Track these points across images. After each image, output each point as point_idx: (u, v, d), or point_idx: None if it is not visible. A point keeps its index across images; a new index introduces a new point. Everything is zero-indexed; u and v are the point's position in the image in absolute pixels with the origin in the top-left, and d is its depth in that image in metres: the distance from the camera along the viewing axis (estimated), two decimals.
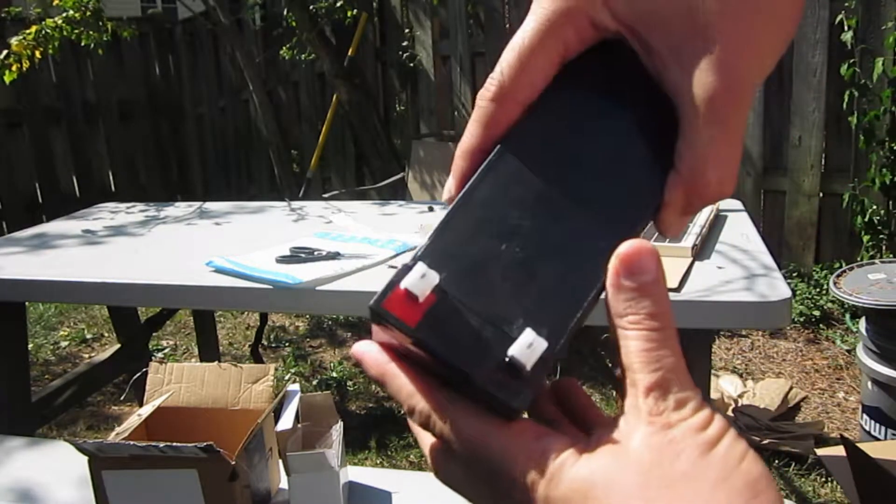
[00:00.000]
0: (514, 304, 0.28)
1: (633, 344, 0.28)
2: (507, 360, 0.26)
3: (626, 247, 0.28)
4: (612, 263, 0.28)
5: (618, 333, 0.28)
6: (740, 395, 2.35)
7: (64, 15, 3.08)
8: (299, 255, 1.40)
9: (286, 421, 1.02)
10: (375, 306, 0.28)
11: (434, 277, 0.28)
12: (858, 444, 1.02)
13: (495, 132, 0.31)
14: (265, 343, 3.04)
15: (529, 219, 0.29)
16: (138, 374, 1.18)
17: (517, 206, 0.30)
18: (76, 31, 3.12)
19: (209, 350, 2.52)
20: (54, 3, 3.13)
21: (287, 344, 3.10)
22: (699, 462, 0.26)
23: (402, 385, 0.30)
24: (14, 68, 2.86)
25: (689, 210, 0.31)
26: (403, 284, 0.28)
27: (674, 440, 0.26)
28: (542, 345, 0.27)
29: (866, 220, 2.82)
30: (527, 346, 0.26)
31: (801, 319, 2.88)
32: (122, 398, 2.62)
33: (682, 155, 0.30)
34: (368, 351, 0.32)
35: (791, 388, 2.39)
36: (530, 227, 0.29)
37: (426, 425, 0.30)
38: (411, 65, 3.99)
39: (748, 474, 0.26)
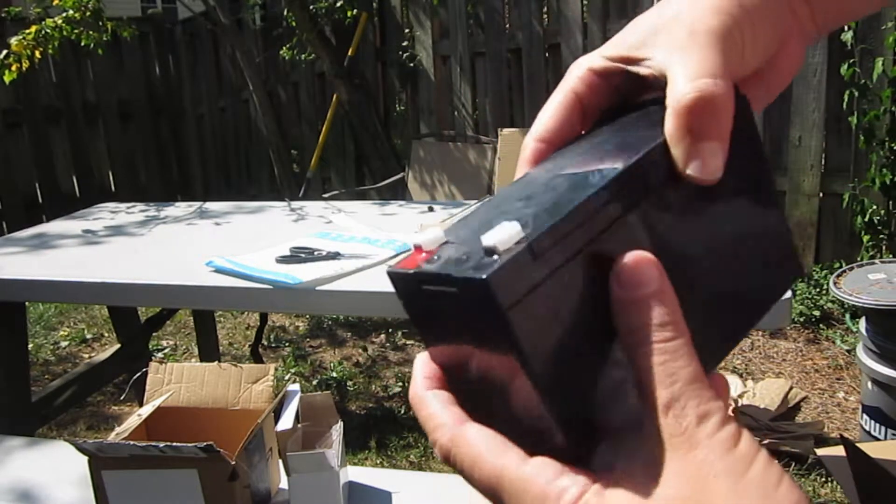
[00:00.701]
0: (501, 217, 0.28)
1: (644, 360, 0.26)
2: (482, 248, 0.26)
3: (623, 259, 0.27)
4: (612, 279, 0.27)
5: (628, 352, 0.27)
6: (740, 395, 2.35)
7: (64, 15, 3.08)
8: (299, 255, 1.40)
9: (286, 421, 1.02)
10: (389, 270, 0.29)
11: (442, 235, 0.29)
12: (858, 444, 1.02)
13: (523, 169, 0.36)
14: (265, 343, 3.04)
15: (542, 191, 0.30)
16: (138, 374, 1.18)
17: (531, 189, 0.31)
18: (76, 31, 3.12)
19: (209, 350, 2.52)
20: (54, 3, 3.13)
21: (287, 344, 3.10)
22: (734, 490, 0.24)
23: (430, 416, 0.30)
24: (14, 68, 2.86)
25: (692, 132, 0.29)
26: (414, 241, 0.29)
27: (703, 464, 0.24)
28: (515, 228, 0.26)
29: (866, 220, 2.82)
30: (502, 232, 0.26)
31: (801, 319, 2.88)
32: (122, 398, 2.62)
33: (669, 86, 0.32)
34: (417, 371, 0.32)
35: (791, 388, 2.39)
36: (541, 192, 0.30)
37: (447, 459, 0.29)
38: (411, 65, 3.99)
39: (789, 501, 0.24)
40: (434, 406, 0.30)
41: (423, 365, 0.32)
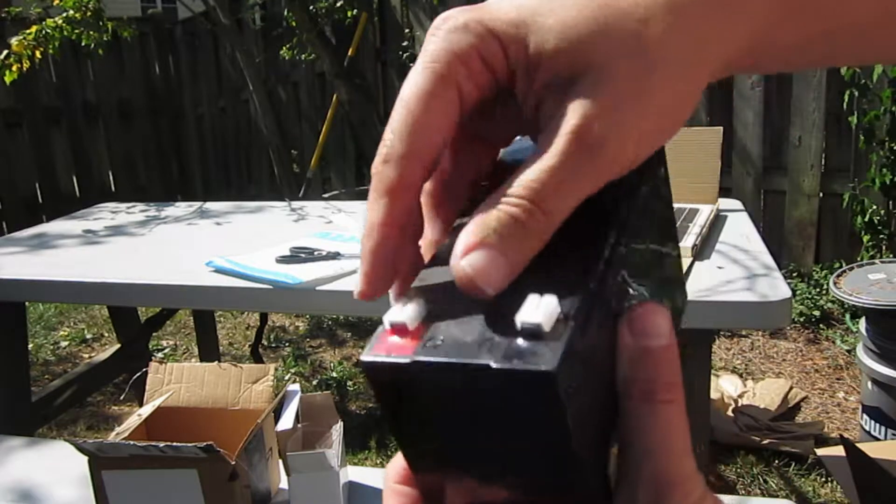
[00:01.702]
0: (516, 295, 0.23)
1: (639, 418, 0.24)
2: (518, 328, 0.22)
3: (638, 308, 0.25)
4: (622, 329, 0.25)
5: (624, 402, 0.25)
6: (740, 395, 2.35)
7: (64, 15, 3.08)
8: (299, 255, 1.40)
9: (286, 421, 1.02)
10: (366, 359, 0.23)
11: (421, 306, 0.24)
12: (858, 444, 1.02)
13: (401, 202, 0.25)
14: (265, 343, 3.04)
15: None
16: (138, 374, 1.18)
17: None
18: (76, 31, 3.12)
19: (209, 350, 2.52)
20: (55, 3, 3.13)
21: (287, 344, 3.10)
22: None
23: None
24: (14, 68, 2.86)
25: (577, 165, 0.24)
26: (387, 319, 0.24)
27: None
28: (552, 302, 0.22)
29: (866, 220, 2.82)
30: (534, 307, 0.22)
31: (801, 319, 2.88)
32: (122, 398, 2.62)
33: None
34: (389, 484, 0.27)
35: (791, 388, 2.39)
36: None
37: None
38: (411, 65, 3.98)
39: None
40: None
41: (396, 476, 0.27)
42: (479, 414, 0.23)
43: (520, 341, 0.22)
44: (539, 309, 0.22)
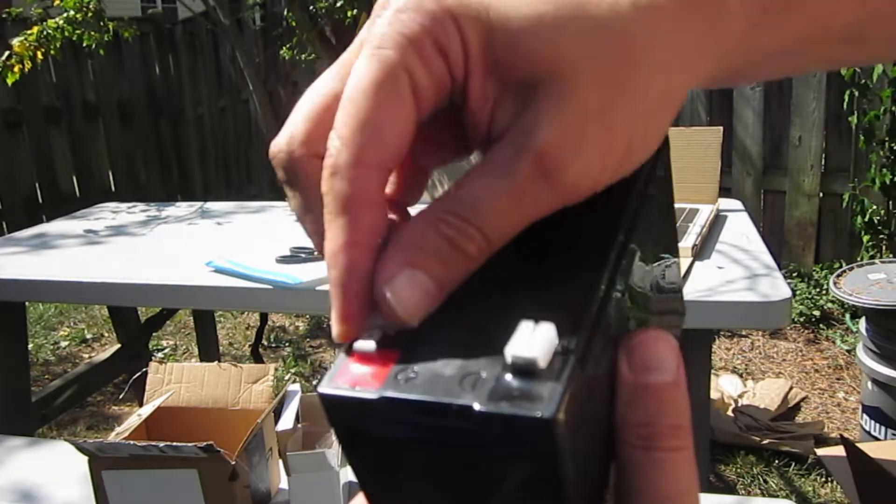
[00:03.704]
0: (504, 316, 0.20)
1: (639, 467, 0.20)
2: (508, 362, 0.18)
3: (637, 337, 0.21)
4: (621, 361, 0.21)
5: (619, 447, 0.21)
6: (740, 395, 2.35)
7: (65, 15, 3.08)
8: (299, 255, 1.40)
9: (286, 421, 1.02)
10: (325, 391, 0.20)
11: (392, 328, 0.21)
12: (858, 444, 1.02)
13: (365, 217, 0.21)
14: (265, 343, 3.04)
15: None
16: (138, 374, 1.18)
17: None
18: (77, 31, 3.12)
19: (209, 350, 2.52)
20: (55, 3, 3.13)
21: (287, 344, 3.10)
22: None
23: None
24: (16, 69, 2.86)
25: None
26: (357, 347, 0.20)
27: None
28: (549, 332, 0.19)
29: (866, 220, 2.82)
30: (528, 337, 0.19)
31: (801, 319, 2.88)
32: (121, 398, 2.62)
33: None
34: None
35: (791, 388, 2.39)
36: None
37: None
38: None
39: None
40: None
41: None
42: (458, 461, 0.19)
43: (509, 378, 0.18)
44: (534, 340, 0.18)
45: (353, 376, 0.20)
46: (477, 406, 0.18)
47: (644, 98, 0.21)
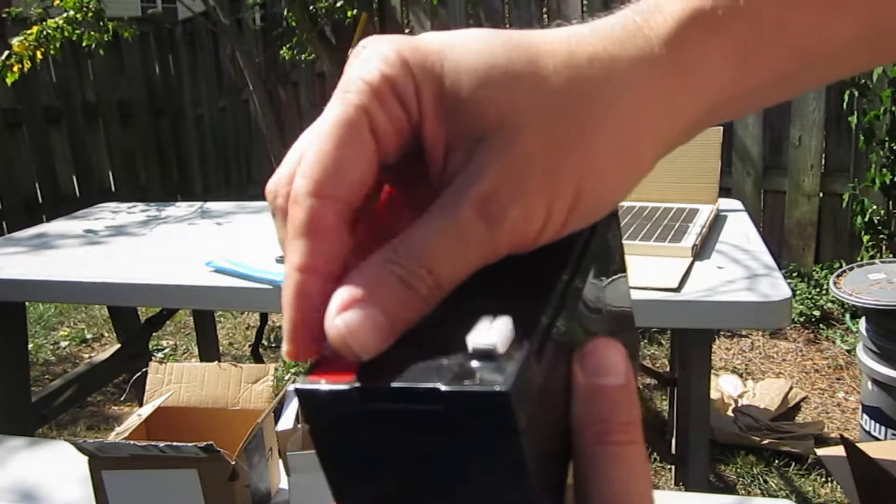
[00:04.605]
0: (467, 319, 0.22)
1: (594, 461, 0.22)
2: (470, 351, 0.20)
3: (590, 344, 0.23)
4: (575, 366, 0.23)
5: (577, 445, 0.23)
6: (740, 395, 2.35)
7: (65, 15, 3.08)
8: None
9: (286, 421, 1.01)
10: (301, 387, 0.21)
11: None
12: (858, 444, 1.02)
13: (321, 244, 0.22)
14: (265, 343, 3.04)
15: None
16: (138, 374, 1.18)
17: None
18: (77, 31, 3.12)
19: (209, 350, 2.52)
20: (55, 3, 3.13)
21: None
22: None
23: None
24: (16, 69, 2.86)
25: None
26: (326, 346, 0.22)
27: None
28: (506, 324, 0.21)
29: (866, 220, 2.82)
30: (487, 329, 0.21)
31: (801, 319, 2.88)
32: (122, 398, 2.62)
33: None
34: None
35: (791, 388, 2.39)
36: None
37: None
38: None
39: None
40: None
41: None
42: (428, 446, 0.21)
43: (472, 363, 0.20)
44: (492, 330, 0.20)
45: (326, 374, 0.21)
46: (442, 387, 0.19)
47: (594, 153, 0.22)
